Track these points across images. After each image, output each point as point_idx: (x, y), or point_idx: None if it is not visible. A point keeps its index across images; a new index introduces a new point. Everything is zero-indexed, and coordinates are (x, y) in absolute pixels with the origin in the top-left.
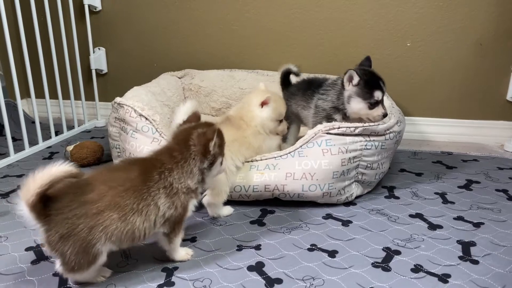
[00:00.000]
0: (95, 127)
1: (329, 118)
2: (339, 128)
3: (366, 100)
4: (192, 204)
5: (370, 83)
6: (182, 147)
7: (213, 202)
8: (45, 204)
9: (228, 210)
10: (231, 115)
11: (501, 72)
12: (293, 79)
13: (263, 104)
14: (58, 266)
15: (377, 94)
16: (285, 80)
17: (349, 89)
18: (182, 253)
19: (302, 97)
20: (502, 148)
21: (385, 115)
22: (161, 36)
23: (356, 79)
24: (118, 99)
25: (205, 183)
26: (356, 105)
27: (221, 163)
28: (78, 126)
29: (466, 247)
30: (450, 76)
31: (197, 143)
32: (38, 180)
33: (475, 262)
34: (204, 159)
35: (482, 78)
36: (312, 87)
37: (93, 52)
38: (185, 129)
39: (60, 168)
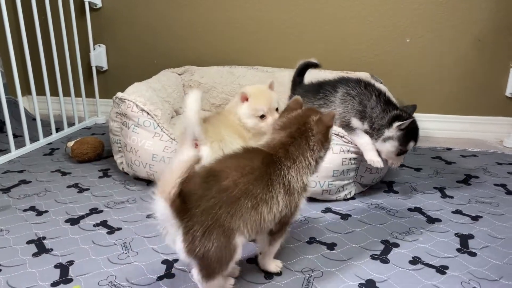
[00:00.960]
0: (96, 124)
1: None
2: (343, 137)
3: (400, 146)
4: (303, 203)
5: (412, 134)
6: (299, 140)
7: None
8: (183, 199)
9: None
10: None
11: (500, 68)
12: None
13: (242, 100)
14: (195, 275)
15: (411, 145)
16: (300, 75)
17: (393, 130)
18: (272, 264)
19: (317, 95)
20: (501, 144)
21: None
22: (161, 33)
23: (404, 125)
24: (119, 94)
25: (314, 174)
26: (390, 147)
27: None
28: (79, 123)
29: (464, 239)
30: (449, 72)
31: (317, 131)
32: (176, 170)
33: (473, 254)
34: (322, 147)
35: (481, 74)
36: (329, 86)
37: (94, 49)
38: (297, 118)
39: (189, 154)
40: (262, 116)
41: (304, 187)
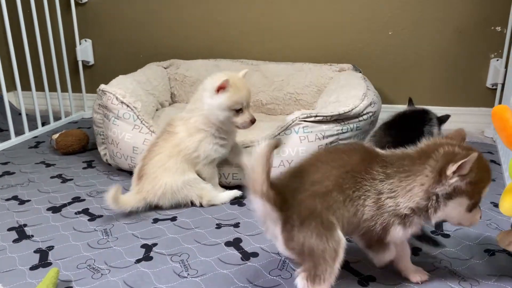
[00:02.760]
0: (83, 118)
1: None
2: (316, 116)
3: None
4: (396, 231)
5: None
6: (417, 158)
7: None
8: (275, 191)
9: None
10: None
11: (481, 60)
12: None
13: (219, 89)
14: (299, 282)
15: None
16: None
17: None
18: (413, 274)
19: None
20: (483, 134)
21: None
22: (147, 27)
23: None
24: (102, 86)
25: (429, 219)
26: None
27: (470, 210)
28: (65, 117)
29: (439, 222)
30: (431, 64)
31: (440, 158)
32: (258, 166)
33: (447, 236)
34: (438, 181)
35: (462, 66)
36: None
37: (80, 44)
38: (437, 143)
39: (265, 145)
40: (239, 110)
41: (396, 211)
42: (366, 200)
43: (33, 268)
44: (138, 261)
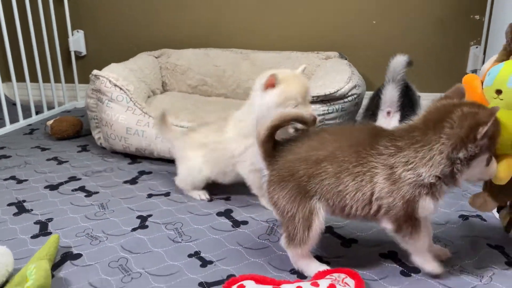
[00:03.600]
0: (75, 107)
1: None
2: None
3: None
4: (426, 203)
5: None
6: (429, 127)
7: None
8: (274, 146)
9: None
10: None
11: (461, 47)
12: None
13: (267, 86)
14: (281, 239)
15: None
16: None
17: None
18: (428, 265)
19: None
20: None
21: None
22: (138, 18)
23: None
24: (95, 71)
25: (456, 183)
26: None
27: (488, 163)
28: (58, 106)
29: None
30: (413, 52)
31: (459, 125)
32: (273, 117)
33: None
34: (463, 147)
35: (443, 53)
36: None
37: (72, 35)
38: (444, 107)
39: (291, 110)
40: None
41: (419, 182)
42: (375, 177)
43: (34, 237)
44: (134, 229)
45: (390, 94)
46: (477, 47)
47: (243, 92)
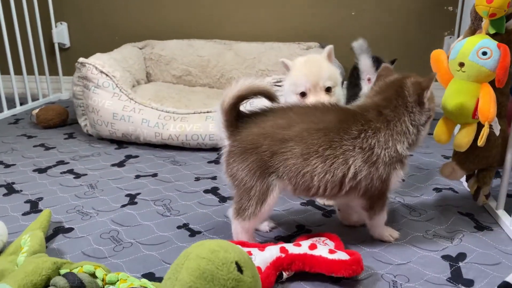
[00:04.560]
0: (60, 99)
1: None
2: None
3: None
4: (397, 176)
5: None
6: (395, 102)
7: None
8: (238, 117)
9: None
10: None
11: (435, 37)
12: None
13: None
14: (230, 211)
15: None
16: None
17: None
18: (384, 232)
19: None
20: (439, 106)
21: None
22: (121, 9)
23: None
24: (81, 59)
25: (415, 147)
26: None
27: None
28: (43, 98)
29: None
30: (390, 42)
31: (413, 92)
32: (237, 86)
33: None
34: (422, 111)
35: (419, 43)
36: None
37: (55, 27)
38: (392, 81)
39: (260, 82)
40: (303, 95)
41: (397, 157)
42: (350, 160)
43: (25, 214)
44: (123, 206)
45: (365, 63)
46: (451, 37)
47: (226, 82)
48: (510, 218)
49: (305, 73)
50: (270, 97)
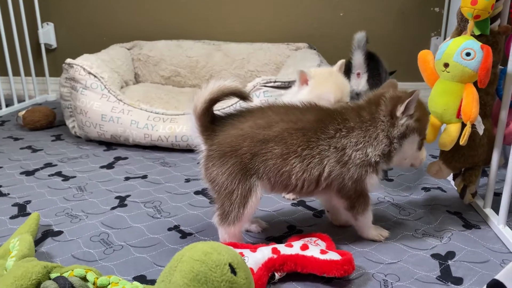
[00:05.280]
0: (46, 101)
1: None
2: (275, 82)
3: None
4: (372, 180)
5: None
6: (372, 106)
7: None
8: (212, 121)
9: None
10: None
11: (422, 38)
12: None
13: (302, 83)
14: (214, 217)
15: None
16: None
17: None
18: (373, 232)
19: None
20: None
21: None
22: (109, 10)
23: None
24: (68, 60)
25: (390, 162)
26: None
27: (420, 147)
28: (29, 99)
29: (384, 172)
30: (378, 42)
31: (388, 103)
32: (209, 89)
33: (390, 180)
34: (393, 124)
35: (406, 44)
36: None
37: (42, 27)
38: (380, 93)
39: (230, 83)
40: None
41: (366, 161)
42: (325, 160)
43: (13, 217)
44: (113, 208)
45: (358, 59)
46: (437, 38)
47: None
48: (497, 217)
49: (332, 88)
50: (243, 96)
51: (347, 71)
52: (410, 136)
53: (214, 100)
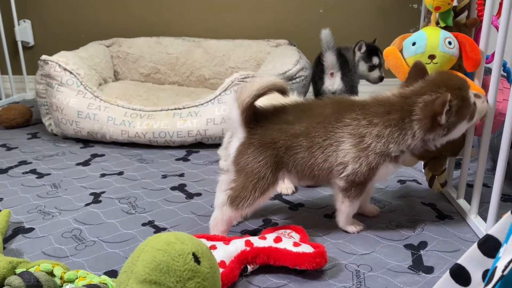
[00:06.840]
0: (24, 99)
1: None
2: (253, 77)
3: (367, 64)
4: (386, 168)
5: (371, 52)
6: (402, 115)
7: None
8: (254, 113)
9: None
10: None
11: (401, 34)
12: None
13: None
14: (224, 195)
15: (375, 60)
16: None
17: (358, 55)
18: (349, 224)
19: None
20: None
21: (381, 78)
22: (87, 7)
23: (363, 48)
24: (43, 56)
25: (429, 148)
26: (361, 67)
27: (472, 117)
28: (6, 98)
29: None
30: (357, 40)
31: (423, 116)
32: (256, 84)
33: None
34: (432, 130)
35: (385, 40)
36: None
37: (18, 24)
38: (413, 93)
39: (276, 80)
40: None
41: (387, 153)
42: (341, 145)
43: None
44: (87, 204)
45: (330, 59)
46: None
47: (196, 79)
48: (469, 207)
49: None
50: (284, 91)
51: (320, 72)
52: (457, 126)
53: (260, 95)
